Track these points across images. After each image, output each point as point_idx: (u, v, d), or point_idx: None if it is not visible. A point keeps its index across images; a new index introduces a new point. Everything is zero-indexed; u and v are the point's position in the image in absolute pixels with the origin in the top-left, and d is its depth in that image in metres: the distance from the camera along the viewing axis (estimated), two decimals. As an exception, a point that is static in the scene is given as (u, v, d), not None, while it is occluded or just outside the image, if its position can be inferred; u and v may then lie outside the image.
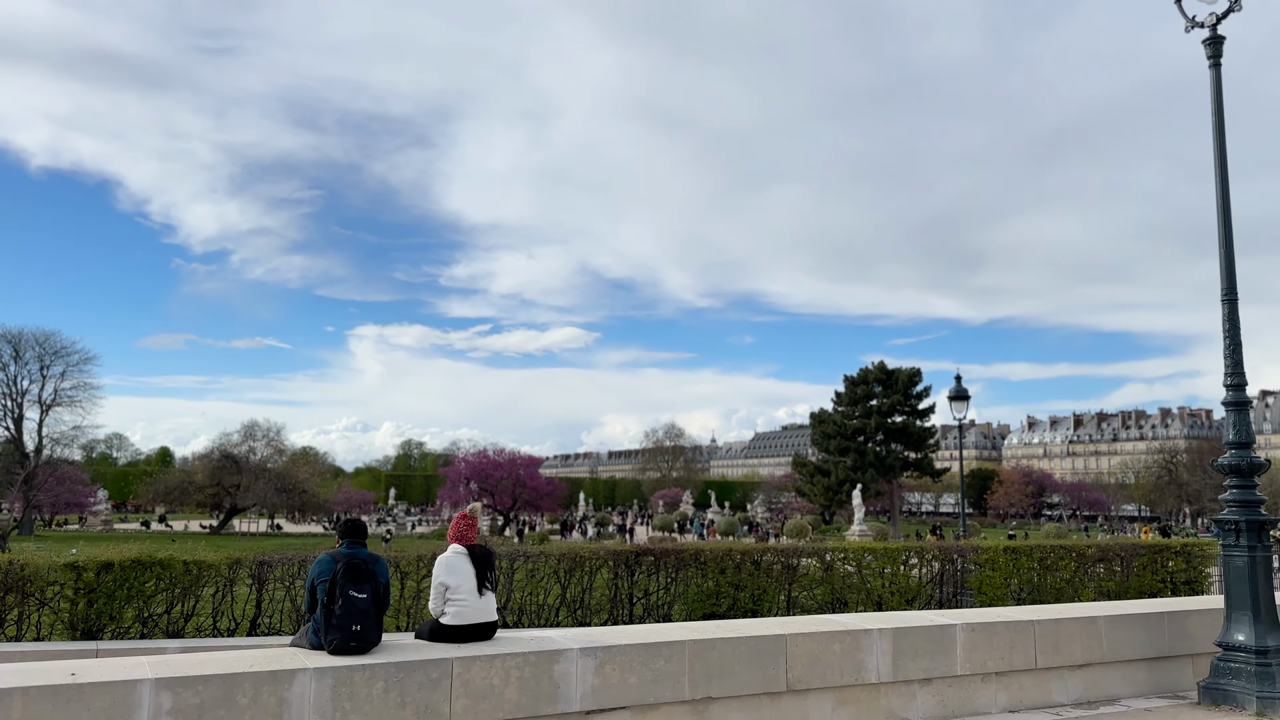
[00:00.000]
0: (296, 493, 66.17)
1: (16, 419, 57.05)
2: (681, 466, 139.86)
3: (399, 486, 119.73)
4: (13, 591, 11.66)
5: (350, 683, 5.51)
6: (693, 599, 15.85)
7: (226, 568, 12.70)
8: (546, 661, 6.08)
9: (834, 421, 64.93)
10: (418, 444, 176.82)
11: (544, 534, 57.47)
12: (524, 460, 66.52)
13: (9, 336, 57.78)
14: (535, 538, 53.29)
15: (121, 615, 12.05)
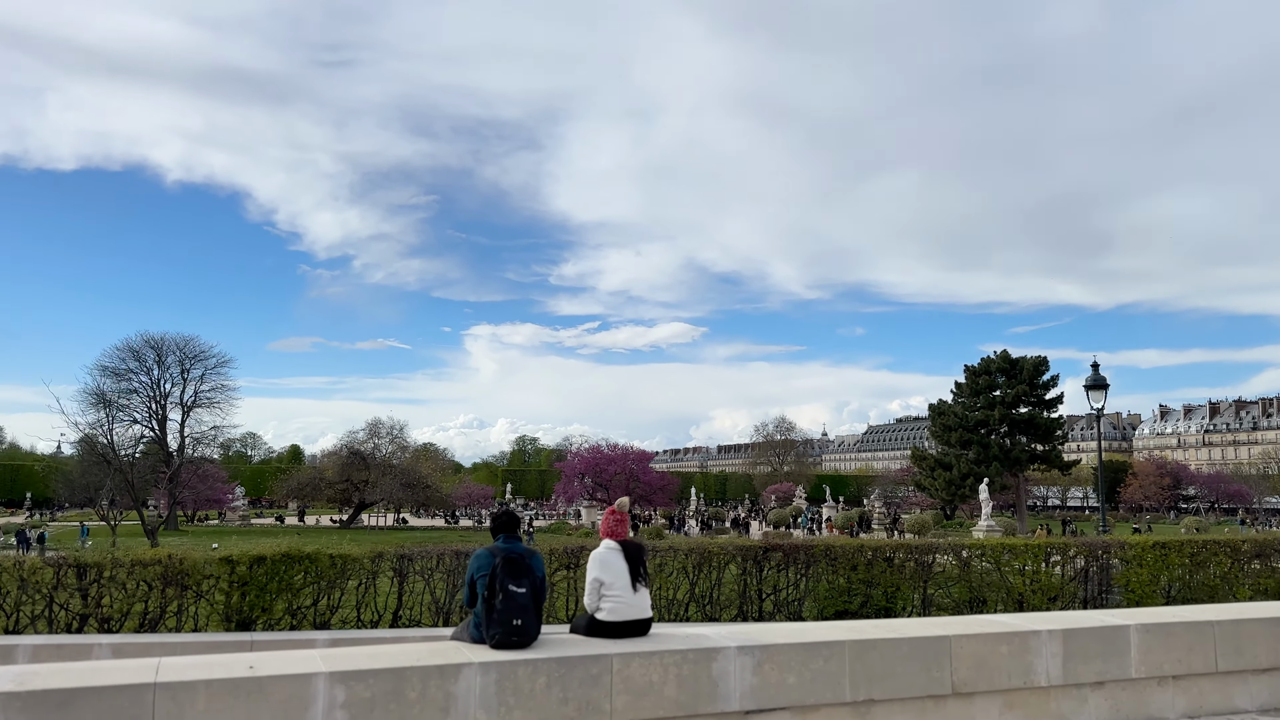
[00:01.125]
0: (420, 488, 68.07)
1: (160, 420, 60.41)
2: (793, 461, 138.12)
3: (514, 481, 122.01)
4: (172, 585, 12.22)
5: (514, 677, 5.50)
6: (823, 596, 15.51)
7: (369, 561, 13.04)
8: (705, 659, 5.94)
9: (955, 413, 62.96)
10: (531, 440, 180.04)
11: (658, 528, 57.60)
12: (636, 455, 66.84)
13: (152, 342, 61.26)
14: (649, 532, 53.44)
15: (272, 608, 12.49)
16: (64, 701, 4.66)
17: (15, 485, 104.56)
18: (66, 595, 11.82)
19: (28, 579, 11.65)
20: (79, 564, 11.86)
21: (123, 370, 59.36)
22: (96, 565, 11.87)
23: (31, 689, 4.65)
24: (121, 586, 11.97)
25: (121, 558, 11.99)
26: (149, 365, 60.09)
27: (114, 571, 11.92)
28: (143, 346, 60.25)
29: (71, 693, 4.69)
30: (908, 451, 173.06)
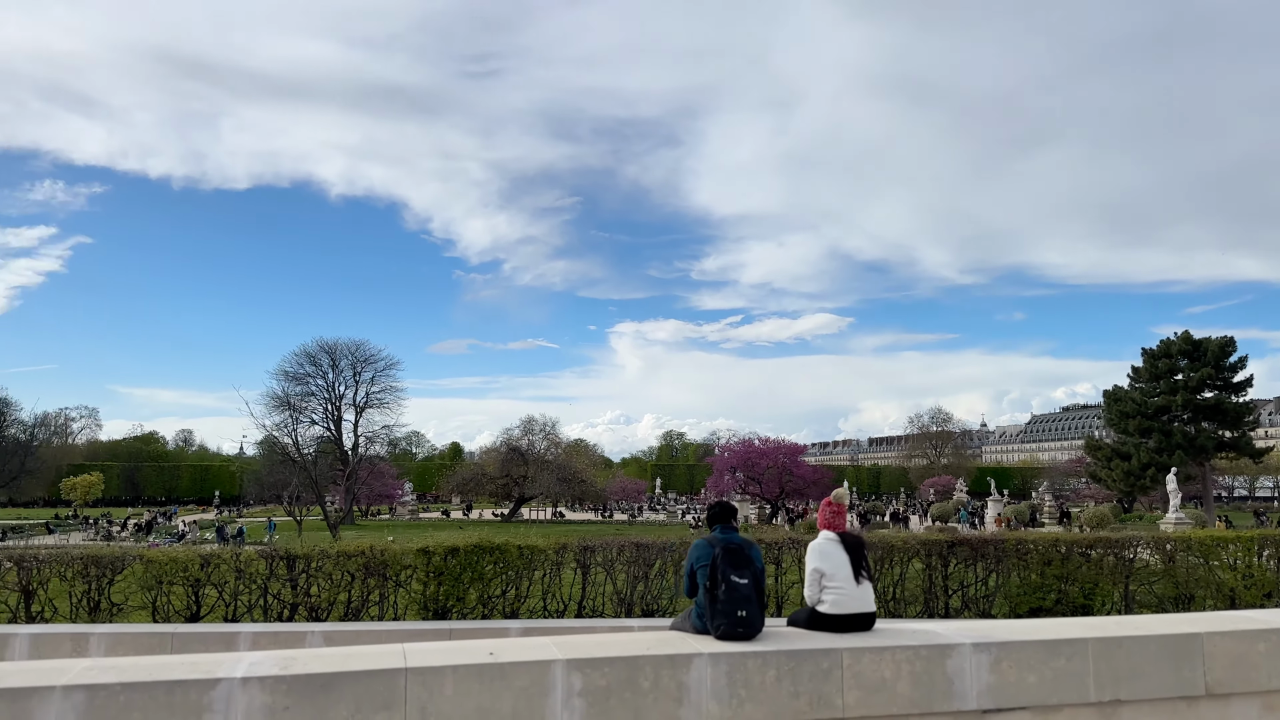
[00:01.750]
0: (576, 482, 69.51)
1: (336, 421, 63.86)
2: (950, 453, 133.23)
3: (663, 476, 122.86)
4: (373, 575, 12.81)
5: (744, 669, 5.40)
6: (1015, 592, 14.79)
7: (554, 553, 13.30)
8: (939, 656, 5.69)
9: (1132, 400, 59.16)
10: (678, 434, 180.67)
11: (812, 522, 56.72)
12: (787, 448, 65.92)
13: (326, 347, 64.83)
14: (805, 526, 52.70)
15: (466, 597, 12.91)
16: (326, 685, 4.87)
17: (205, 484, 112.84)
18: (279, 585, 12.56)
19: (244, 570, 12.44)
20: (289, 556, 12.58)
21: (300, 374, 63.04)
22: (305, 557, 12.56)
23: (296, 673, 4.87)
24: (328, 577, 12.62)
25: (328, 550, 12.64)
26: (324, 369, 63.60)
27: (321, 563, 12.58)
28: (318, 351, 63.87)
29: (332, 676, 4.89)
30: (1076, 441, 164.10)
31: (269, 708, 4.78)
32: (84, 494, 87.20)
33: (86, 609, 12.13)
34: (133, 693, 4.68)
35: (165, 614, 12.30)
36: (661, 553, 13.64)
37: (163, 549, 12.97)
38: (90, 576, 12.08)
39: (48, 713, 4.56)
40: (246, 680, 4.79)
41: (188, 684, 4.74)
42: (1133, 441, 58.47)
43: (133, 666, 4.98)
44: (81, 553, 12.36)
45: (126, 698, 4.66)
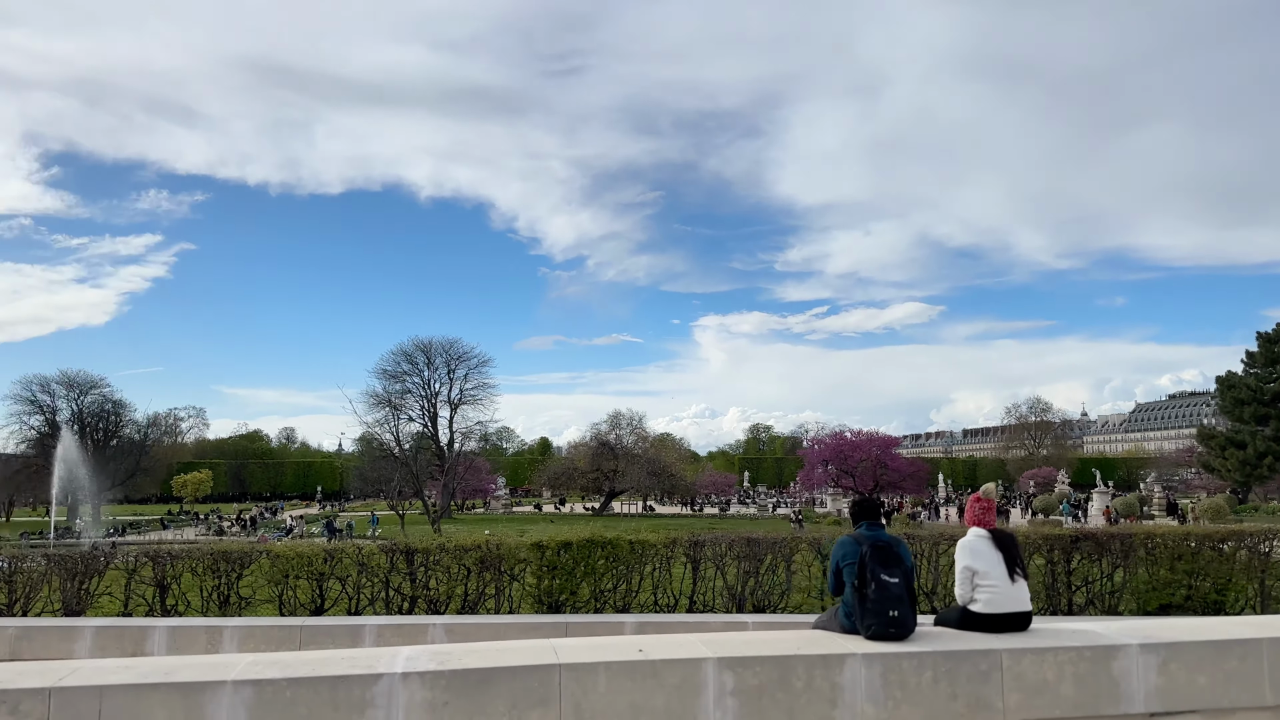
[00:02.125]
0: (665, 476, 69.63)
1: (432, 417, 65.33)
2: (1050, 443, 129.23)
3: (751, 469, 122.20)
4: (489, 568, 12.97)
5: (899, 670, 5.25)
6: (1142, 588, 14.18)
7: (664, 547, 13.26)
8: (1103, 657, 5.43)
9: (1247, 386, 56.38)
10: (764, 428, 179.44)
11: (907, 516, 55.62)
12: (881, 440, 64.85)
13: (421, 346, 66.32)
14: (900, 520, 51.66)
15: (579, 591, 12.97)
16: (483, 680, 4.90)
17: (308, 480, 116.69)
18: (399, 579, 12.82)
19: (366, 564, 12.74)
20: (408, 550, 12.83)
21: (398, 373, 64.60)
22: (424, 551, 12.79)
23: (453, 668, 4.91)
24: (445, 570, 12.83)
25: (446, 544, 12.85)
26: (420, 367, 65.05)
27: (439, 557, 12.80)
28: (414, 350, 65.37)
29: (489, 672, 4.91)
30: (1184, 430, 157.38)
31: (429, 703, 4.83)
32: (194, 491, 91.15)
33: (217, 602, 12.57)
34: (299, 688, 4.78)
35: (291, 607, 12.67)
36: (772, 548, 13.48)
37: (288, 543, 13.37)
38: (220, 571, 12.52)
39: (219, 706, 4.69)
40: (407, 675, 4.85)
41: (350, 679, 4.82)
42: (1248, 429, 55.76)
43: (295, 661, 5.09)
44: (211, 548, 12.82)
45: (293, 692, 4.76)
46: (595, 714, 4.93)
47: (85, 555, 12.36)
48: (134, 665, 5.03)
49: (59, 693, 4.60)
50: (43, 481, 66.33)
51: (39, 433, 67.90)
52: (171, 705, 4.66)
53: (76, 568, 12.13)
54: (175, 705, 4.66)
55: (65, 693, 4.60)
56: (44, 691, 4.59)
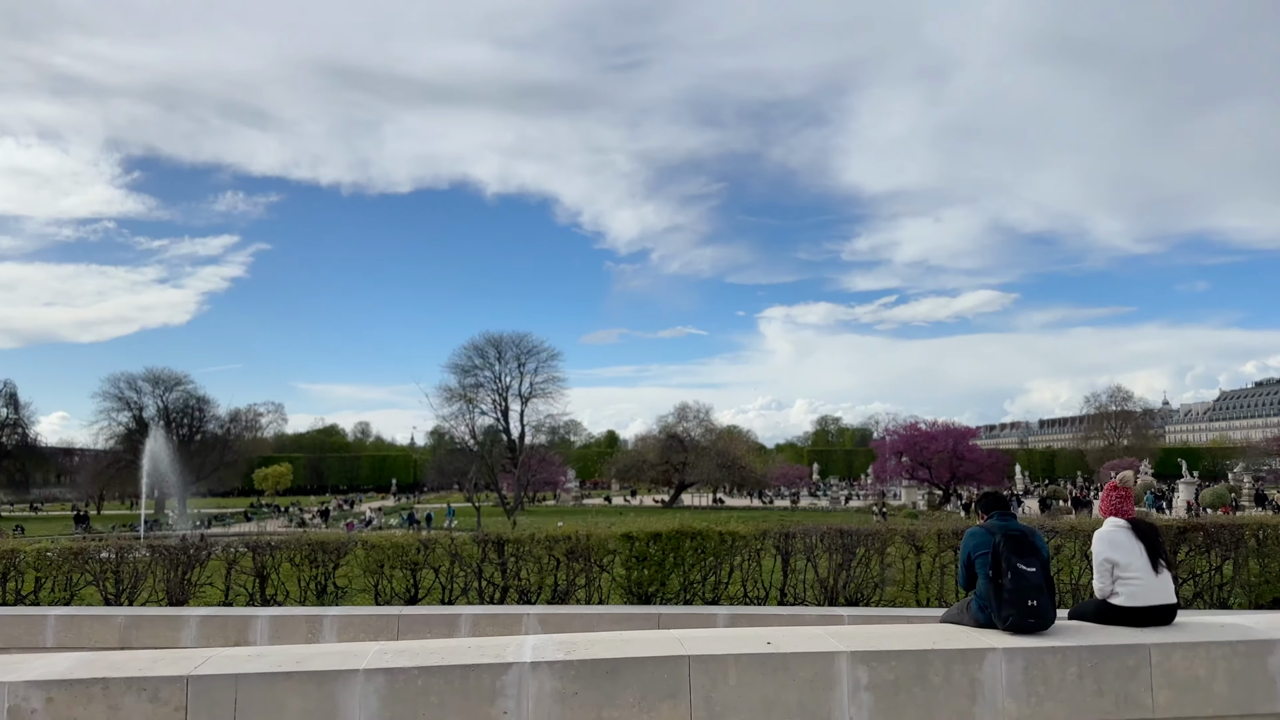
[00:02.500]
0: (735, 468, 69.25)
1: (504, 411, 66.05)
2: (1130, 433, 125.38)
3: (820, 461, 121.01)
4: (578, 559, 12.95)
5: (1042, 665, 5.02)
6: (1254, 581, 13.57)
7: (754, 538, 13.09)
8: (1259, 653, 5.13)
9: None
10: (833, 419, 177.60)
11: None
12: (958, 431, 63.54)
13: (492, 341, 67.05)
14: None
15: (669, 582, 12.88)
16: (612, 671, 4.81)
17: (383, 473, 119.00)
18: (491, 569, 12.88)
19: (459, 554, 12.83)
20: (500, 540, 12.88)
21: (469, 367, 65.41)
22: (515, 541, 12.82)
23: (582, 658, 4.84)
24: (537, 561, 12.85)
25: (537, 535, 12.87)
26: (491, 361, 65.79)
27: (530, 547, 12.82)
28: (485, 345, 66.13)
29: (617, 662, 4.83)
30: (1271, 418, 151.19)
31: (559, 693, 4.76)
32: (275, 484, 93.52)
33: (314, 591, 12.77)
34: (430, 676, 4.75)
35: (386, 596, 12.82)
36: (865, 540, 13.20)
37: (383, 534, 13.55)
38: (317, 561, 12.72)
39: (351, 695, 4.68)
40: (536, 665, 4.79)
41: (480, 668, 4.78)
42: (1351, 418, 53.20)
43: (423, 650, 5.06)
44: (309, 539, 13.04)
45: (424, 681, 4.74)
46: (726, 708, 4.81)
47: (188, 546, 12.66)
48: (265, 654, 5.06)
49: (196, 680, 4.64)
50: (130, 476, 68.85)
51: (127, 429, 70.42)
52: (305, 694, 4.67)
53: (180, 558, 12.43)
54: (309, 694, 4.67)
55: (202, 681, 4.64)
56: (181, 680, 4.63)
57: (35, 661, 4.92)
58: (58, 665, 4.82)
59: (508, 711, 4.71)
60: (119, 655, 5.05)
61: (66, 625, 11.15)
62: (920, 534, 13.38)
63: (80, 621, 11.18)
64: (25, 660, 4.97)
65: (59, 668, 4.76)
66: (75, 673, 4.65)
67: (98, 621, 11.20)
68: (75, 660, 4.93)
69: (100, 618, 11.22)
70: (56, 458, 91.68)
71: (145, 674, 4.64)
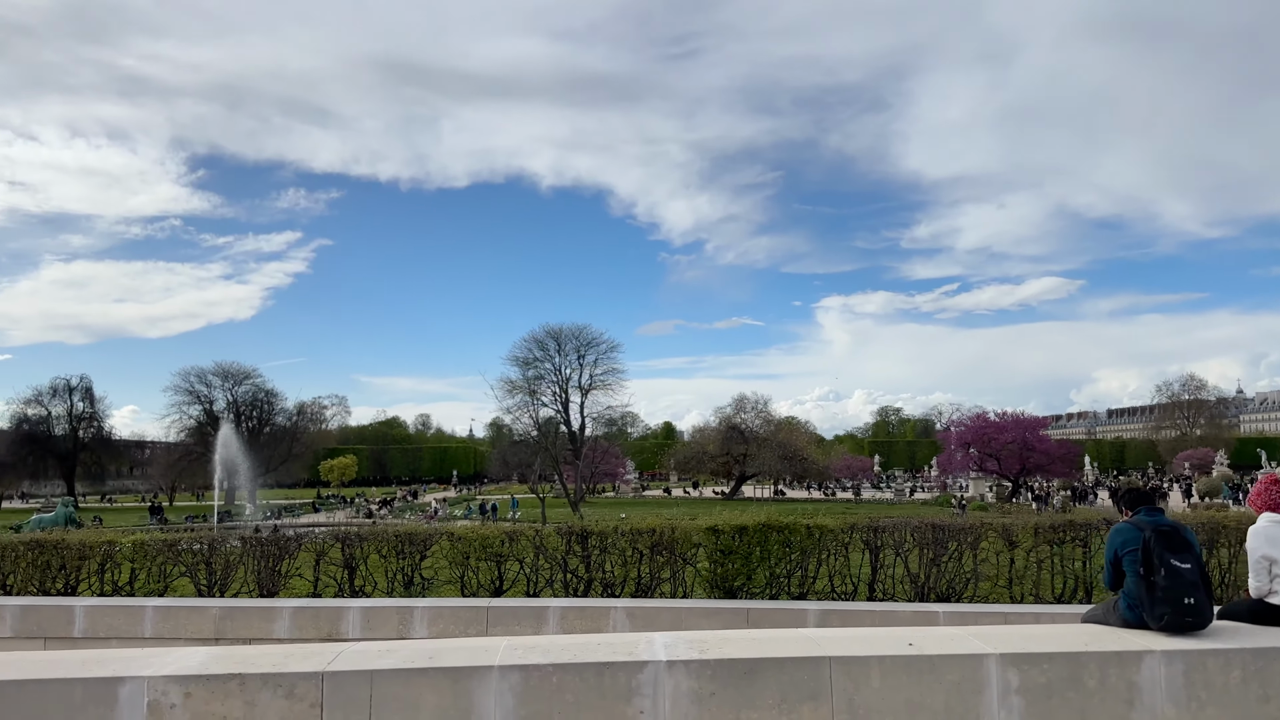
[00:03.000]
0: (797, 460, 68.64)
1: (564, 403, 66.14)
2: (1204, 423, 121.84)
3: (881, 453, 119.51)
4: (661, 552, 12.83)
5: (1203, 669, 4.75)
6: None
7: (843, 532, 12.84)
8: None
9: None
10: (894, 410, 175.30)
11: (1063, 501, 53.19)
12: (1028, 422, 62.05)
13: (552, 332, 67.11)
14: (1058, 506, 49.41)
15: (754, 576, 12.69)
16: (750, 671, 4.65)
17: (444, 464, 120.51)
18: (576, 561, 12.82)
19: (544, 546, 12.79)
20: (584, 532, 12.80)
21: (530, 359, 65.70)
22: (599, 534, 12.74)
23: (718, 657, 4.68)
24: (620, 554, 12.76)
25: (621, 527, 12.77)
26: (551, 353, 65.94)
27: (614, 540, 12.73)
28: (545, 337, 66.26)
29: (755, 662, 4.67)
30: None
31: (695, 693, 4.62)
32: (340, 475, 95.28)
33: (401, 583, 12.83)
34: (565, 673, 4.64)
35: (471, 588, 12.83)
36: (957, 534, 12.86)
37: (469, 526, 13.57)
38: (404, 553, 12.78)
39: (486, 692, 4.59)
40: (672, 664, 4.65)
41: (615, 666, 4.65)
42: None
43: (553, 647, 4.96)
44: (396, 530, 13.10)
45: (559, 678, 4.63)
46: (870, 710, 4.62)
47: (278, 538, 12.81)
48: (395, 649, 5.00)
49: (331, 677, 4.58)
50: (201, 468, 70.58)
51: (198, 422, 72.16)
52: (440, 690, 4.59)
53: (270, 550, 12.57)
54: (444, 690, 4.59)
55: (337, 677, 4.58)
56: (316, 675, 4.58)
57: (168, 656, 4.92)
58: (191, 660, 4.80)
59: (644, 711, 4.58)
60: (250, 650, 5.02)
61: (164, 616, 11.34)
62: (1015, 528, 12.99)
63: (176, 613, 11.36)
64: (158, 654, 4.97)
65: (193, 662, 4.75)
66: (211, 668, 4.63)
67: (193, 613, 11.38)
68: (208, 655, 4.92)
69: (196, 609, 11.40)
70: (129, 450, 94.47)
71: (281, 670, 4.60)
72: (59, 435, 79.99)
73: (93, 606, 11.33)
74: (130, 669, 4.64)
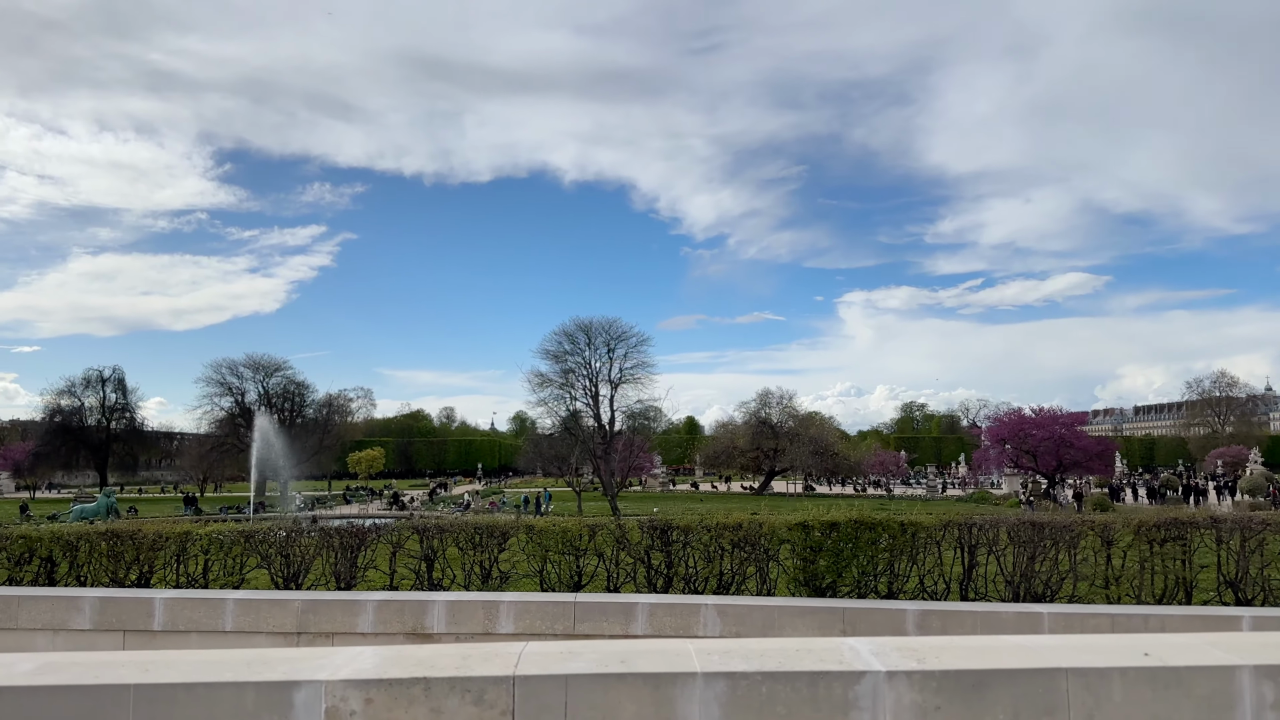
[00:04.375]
0: (828, 455, 68.03)
1: (594, 396, 65.74)
2: (1235, 420, 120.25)
3: (907, 449, 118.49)
4: (743, 548, 12.43)
5: None
6: None
7: (937, 530, 12.40)
8: None
9: None
10: (919, 406, 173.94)
11: (1100, 498, 52.38)
12: (1066, 418, 61.16)
13: (582, 326, 66.68)
14: (1094, 502, 48.63)
15: (845, 574, 12.28)
16: (979, 683, 4.23)
17: (469, 457, 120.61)
18: (658, 557, 12.44)
19: (625, 539, 12.42)
20: (665, 527, 12.43)
21: (560, 353, 65.40)
22: (682, 529, 12.36)
23: (943, 668, 4.26)
24: (704, 549, 12.38)
25: (706, 522, 12.38)
26: (581, 347, 65.57)
27: (697, 535, 12.35)
28: (575, 330, 65.88)
29: (984, 674, 4.24)
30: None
31: (919, 707, 4.20)
32: (368, 467, 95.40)
33: (479, 576, 12.51)
34: (774, 683, 4.23)
35: (551, 582, 12.49)
36: (1054, 533, 12.40)
37: (548, 519, 13.22)
38: (483, 545, 12.45)
39: (690, 700, 4.19)
40: (892, 674, 4.23)
41: (830, 676, 4.24)
42: None
43: (750, 652, 4.55)
44: (475, 522, 12.77)
45: (769, 689, 4.22)
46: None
47: (355, 529, 12.49)
48: (578, 651, 4.61)
49: (523, 681, 4.20)
50: (232, 459, 70.77)
51: (229, 413, 72.33)
52: (640, 698, 4.20)
53: (349, 541, 12.26)
54: (644, 698, 4.19)
55: (529, 682, 4.20)
56: (507, 680, 4.20)
57: (335, 657, 4.55)
58: (365, 661, 4.43)
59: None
60: (421, 651, 4.65)
61: (245, 609, 11.04)
62: (1114, 526, 12.50)
63: (258, 605, 11.06)
64: (323, 655, 4.61)
65: (367, 664, 4.38)
66: (390, 670, 4.26)
67: (275, 606, 11.07)
68: (380, 656, 4.55)
69: (278, 602, 11.09)
70: (159, 441, 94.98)
71: (467, 674, 4.22)
72: (91, 426, 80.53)
73: (172, 599, 11.03)
74: (301, 672, 4.28)
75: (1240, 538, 12.25)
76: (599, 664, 4.36)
